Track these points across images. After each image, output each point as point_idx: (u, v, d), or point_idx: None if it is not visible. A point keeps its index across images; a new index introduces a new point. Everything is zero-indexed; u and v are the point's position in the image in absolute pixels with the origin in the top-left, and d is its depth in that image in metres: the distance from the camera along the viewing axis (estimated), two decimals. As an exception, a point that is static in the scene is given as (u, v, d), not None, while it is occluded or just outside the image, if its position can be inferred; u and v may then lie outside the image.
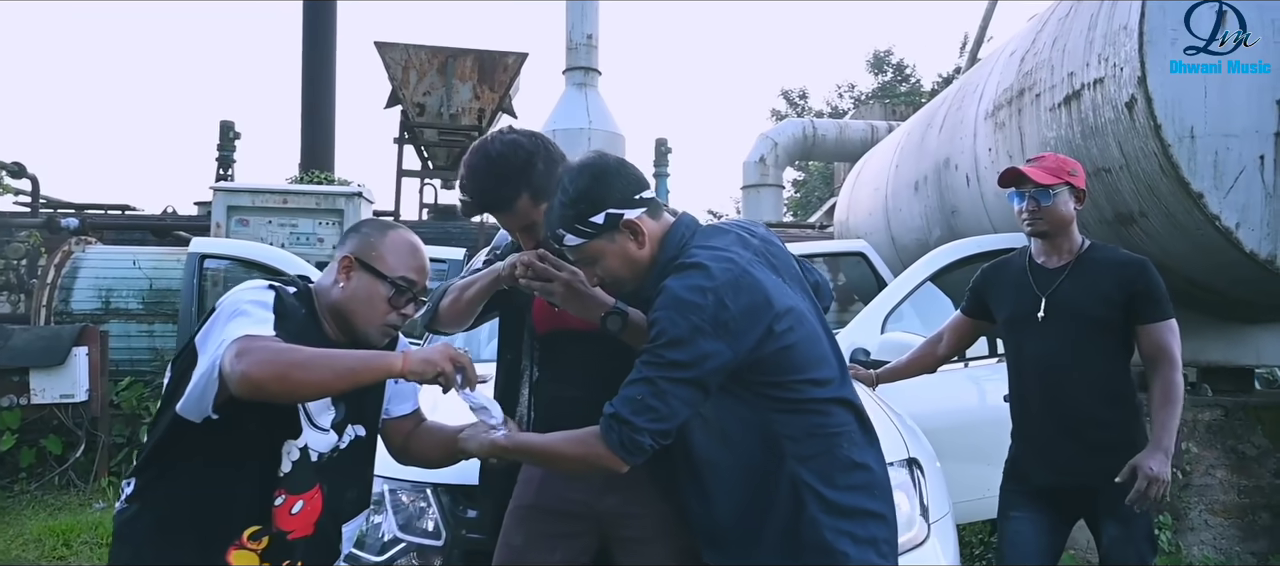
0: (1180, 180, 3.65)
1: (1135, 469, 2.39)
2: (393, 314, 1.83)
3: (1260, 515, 4.36)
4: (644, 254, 1.78)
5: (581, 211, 1.75)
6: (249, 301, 1.69)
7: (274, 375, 1.54)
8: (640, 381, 1.64)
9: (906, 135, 7.30)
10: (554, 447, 1.75)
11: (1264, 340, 4.62)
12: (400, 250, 1.85)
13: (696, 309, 1.62)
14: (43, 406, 6.58)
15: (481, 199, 1.94)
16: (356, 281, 1.82)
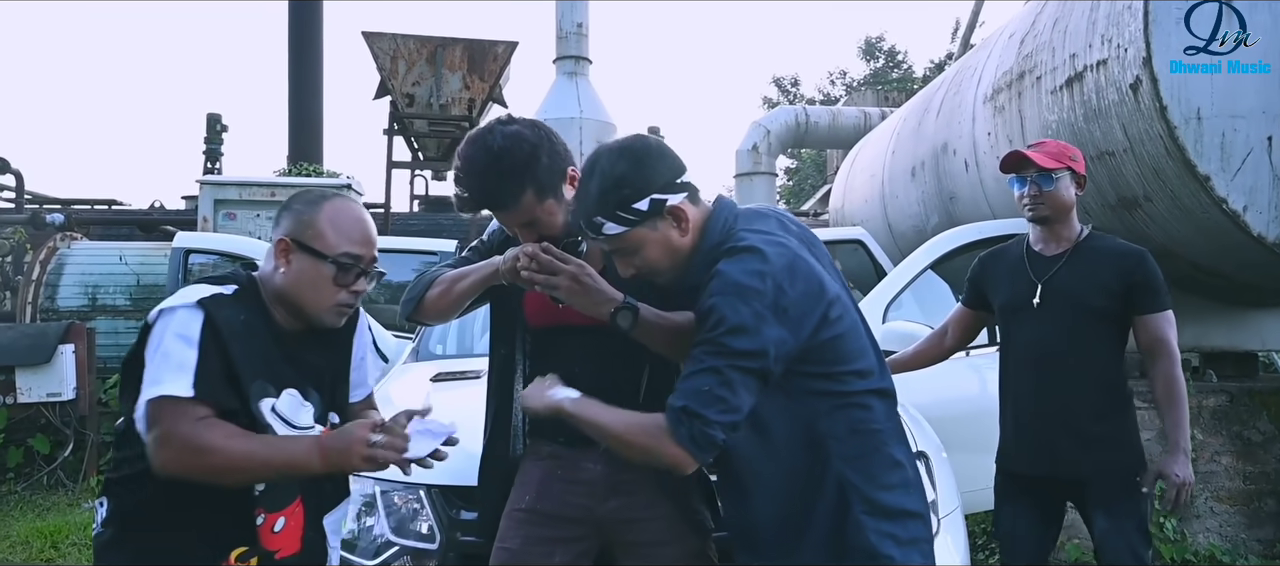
0: (1186, 162, 3.58)
1: (1163, 475, 2.42)
2: (342, 292, 1.71)
3: (1266, 501, 4.32)
4: (686, 242, 1.69)
5: (624, 197, 1.63)
6: (174, 335, 1.56)
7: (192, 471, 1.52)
8: (705, 371, 1.53)
9: (903, 120, 7.22)
10: (618, 429, 1.62)
11: (1269, 325, 4.57)
12: (339, 223, 1.70)
13: (757, 294, 1.53)
14: (30, 405, 6.50)
15: (483, 195, 1.81)
16: (297, 265, 1.69)
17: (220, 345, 1.58)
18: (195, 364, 1.54)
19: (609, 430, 1.63)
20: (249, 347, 1.62)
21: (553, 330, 1.97)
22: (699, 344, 1.55)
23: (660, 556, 1.90)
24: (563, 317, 1.92)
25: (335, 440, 1.57)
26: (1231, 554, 4.19)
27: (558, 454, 1.96)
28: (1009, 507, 2.69)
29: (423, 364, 3.34)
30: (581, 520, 1.93)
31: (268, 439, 1.59)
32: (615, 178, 1.64)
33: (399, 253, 5.89)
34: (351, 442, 1.56)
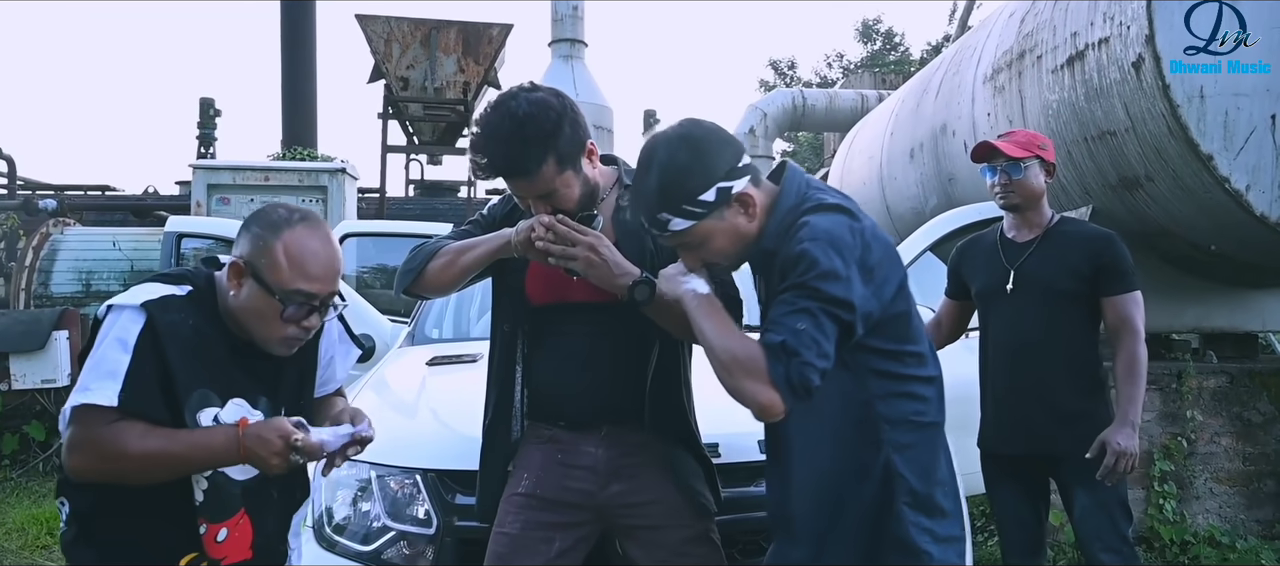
0: (1189, 142, 3.54)
1: (1104, 444, 2.48)
2: (290, 327, 1.63)
3: (1266, 482, 4.31)
4: (753, 227, 1.61)
5: (690, 190, 1.55)
6: (113, 338, 1.51)
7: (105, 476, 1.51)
8: (800, 312, 1.44)
9: (901, 102, 7.17)
10: (718, 351, 1.51)
11: (1270, 305, 4.55)
12: (296, 256, 1.59)
13: (847, 247, 1.49)
14: (24, 392, 6.47)
15: (504, 162, 1.74)
16: (247, 291, 1.60)
17: (158, 352, 1.52)
18: (125, 371, 1.49)
19: (709, 346, 1.53)
20: (192, 355, 1.57)
21: (555, 308, 1.93)
22: (789, 288, 1.48)
23: (662, 540, 1.88)
24: (566, 295, 1.89)
25: (255, 438, 1.54)
26: (1230, 534, 4.19)
27: (557, 437, 1.93)
28: (1000, 491, 2.76)
29: (418, 348, 3.31)
30: (581, 505, 1.90)
31: (183, 434, 1.54)
32: (678, 169, 1.56)
33: (394, 237, 5.86)
34: (271, 441, 1.53)
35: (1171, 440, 4.28)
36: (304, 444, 1.56)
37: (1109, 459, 2.45)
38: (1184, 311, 4.51)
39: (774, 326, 1.46)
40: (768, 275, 1.59)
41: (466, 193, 10.45)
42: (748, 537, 2.19)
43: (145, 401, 1.51)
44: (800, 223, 1.53)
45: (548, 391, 1.93)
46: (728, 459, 2.14)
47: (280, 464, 1.55)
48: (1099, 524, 2.58)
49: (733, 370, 1.47)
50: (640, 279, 1.73)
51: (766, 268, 1.60)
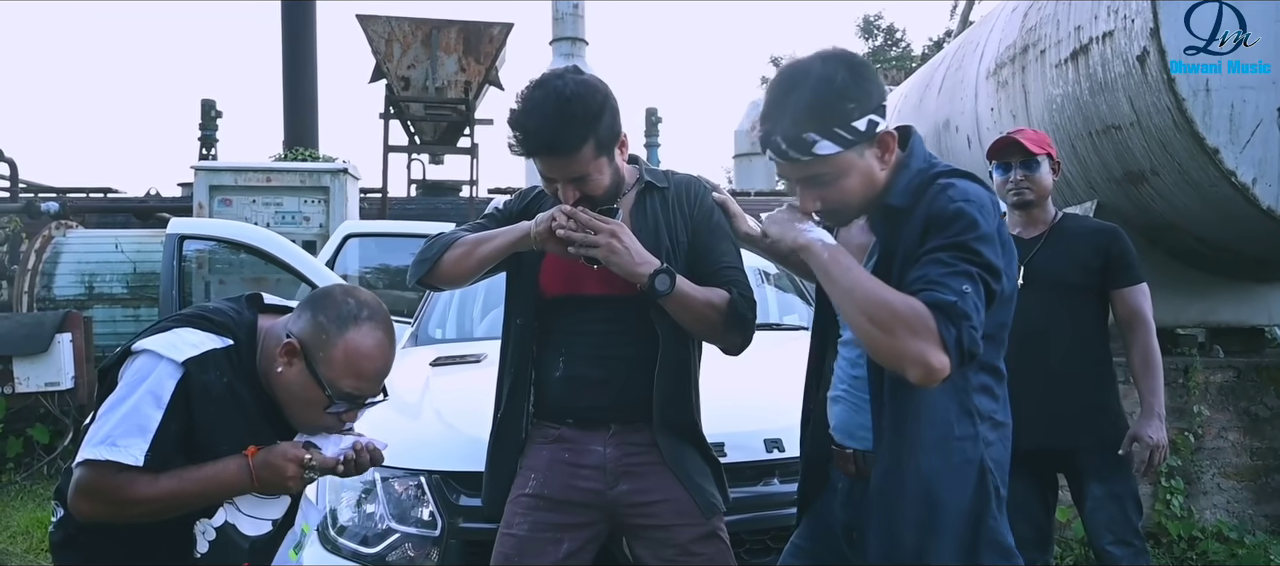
0: (1195, 135, 3.52)
1: (1137, 438, 2.51)
2: (330, 420, 1.63)
3: (1274, 477, 4.29)
4: (882, 178, 1.51)
5: (845, 112, 1.42)
6: (147, 392, 1.50)
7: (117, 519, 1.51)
8: (964, 275, 1.35)
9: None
10: (868, 304, 1.37)
11: (1276, 299, 4.53)
12: (355, 356, 1.56)
13: (992, 217, 1.44)
14: (28, 395, 6.46)
15: (546, 136, 1.72)
16: (294, 375, 1.58)
17: (188, 411, 1.52)
18: (156, 429, 1.48)
19: (859, 300, 1.39)
20: (224, 417, 1.56)
21: (568, 300, 1.92)
22: (945, 247, 1.38)
23: (671, 539, 1.86)
24: (580, 288, 1.88)
25: (265, 465, 1.54)
26: (1238, 529, 4.17)
27: (565, 436, 1.92)
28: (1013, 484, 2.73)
29: (422, 348, 3.30)
30: (590, 505, 1.89)
31: (192, 472, 1.53)
32: (836, 88, 1.42)
33: (396, 237, 5.85)
34: (286, 466, 1.53)
35: (1179, 435, 4.26)
36: (319, 462, 1.56)
37: (1143, 452, 2.49)
38: (1190, 306, 4.49)
39: (938, 286, 1.34)
40: (895, 233, 1.49)
41: (468, 192, 10.42)
42: (755, 537, 2.18)
43: (167, 460, 1.51)
44: (943, 183, 1.46)
45: (559, 386, 1.92)
46: (733, 458, 2.13)
47: (297, 485, 1.56)
48: (1111, 515, 2.59)
49: (892, 328, 1.33)
50: (661, 268, 1.74)
51: (893, 225, 1.50)
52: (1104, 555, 2.60)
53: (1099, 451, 2.58)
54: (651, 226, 1.89)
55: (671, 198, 1.95)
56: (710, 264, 1.90)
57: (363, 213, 8.94)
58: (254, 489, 1.55)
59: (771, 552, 2.20)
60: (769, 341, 2.82)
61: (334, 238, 5.53)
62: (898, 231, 1.49)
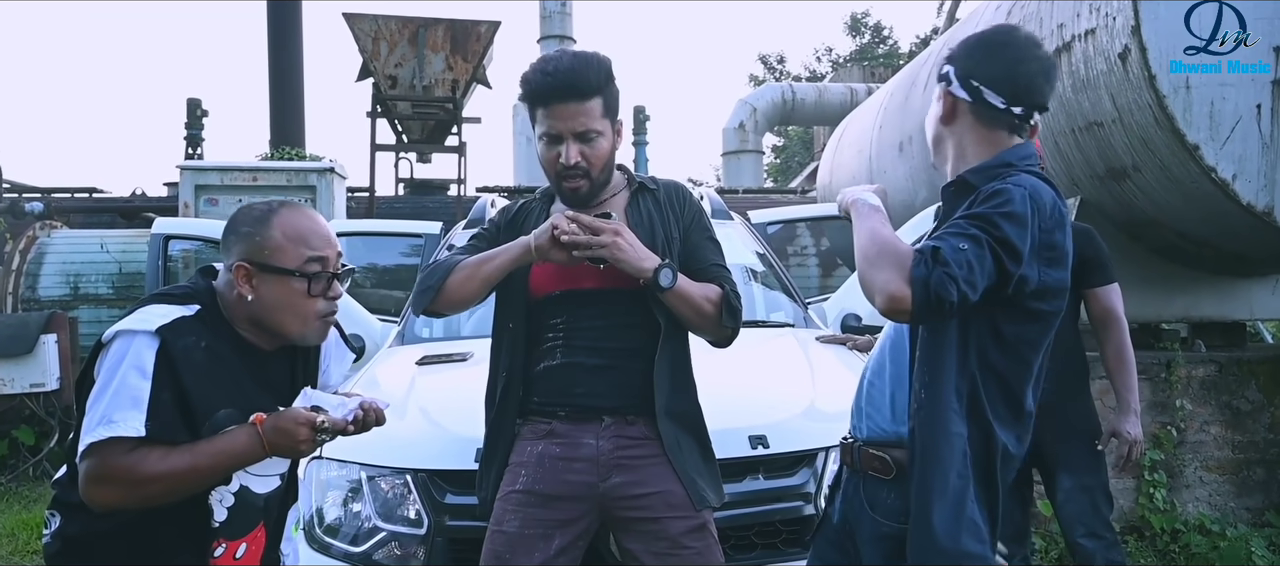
0: (1175, 132, 3.55)
1: (1116, 434, 2.59)
2: (319, 303, 1.63)
3: (1255, 470, 4.33)
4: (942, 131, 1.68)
5: (947, 55, 1.64)
6: (130, 367, 1.49)
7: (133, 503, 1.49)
8: (968, 236, 1.44)
9: (890, 95, 7.18)
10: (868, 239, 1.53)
11: (1257, 294, 4.57)
12: (294, 234, 1.62)
13: (1040, 213, 1.50)
14: (13, 397, 6.42)
15: (566, 76, 1.84)
16: (263, 288, 1.60)
17: (175, 377, 1.51)
18: (148, 399, 1.48)
19: (865, 237, 1.55)
20: (209, 378, 1.56)
21: (565, 295, 1.95)
22: (968, 216, 1.48)
23: (662, 532, 1.87)
24: (576, 283, 1.92)
25: (276, 430, 1.53)
26: (1220, 522, 4.21)
27: (556, 430, 1.93)
28: None
29: (408, 347, 3.30)
30: (582, 498, 1.89)
31: (203, 445, 1.53)
32: (960, 44, 1.64)
33: (384, 235, 5.83)
34: (298, 429, 1.53)
35: (1161, 429, 4.30)
36: (330, 423, 1.56)
37: (1122, 447, 2.57)
38: (1172, 301, 4.53)
39: (936, 237, 1.46)
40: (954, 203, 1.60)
41: (456, 191, 10.39)
42: (739, 533, 2.19)
43: (169, 427, 1.50)
44: (1002, 181, 1.54)
45: (556, 375, 1.94)
46: (717, 455, 2.13)
47: (309, 448, 1.55)
48: (1081, 507, 2.65)
49: (875, 260, 1.48)
50: (664, 263, 1.83)
51: (957, 195, 1.61)
52: (1076, 548, 2.65)
53: (1068, 445, 2.65)
54: (646, 224, 1.96)
55: (663, 198, 2.03)
56: (699, 262, 1.99)
57: (350, 212, 8.90)
58: (266, 455, 1.54)
59: (756, 549, 2.22)
60: (755, 338, 2.83)
61: (321, 237, 5.50)
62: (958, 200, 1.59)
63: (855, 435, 1.77)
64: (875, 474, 1.68)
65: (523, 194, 9.12)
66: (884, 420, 1.69)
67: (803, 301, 3.72)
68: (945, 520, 1.51)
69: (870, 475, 1.69)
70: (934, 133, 1.72)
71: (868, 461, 1.69)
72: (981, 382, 1.54)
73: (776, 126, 20.64)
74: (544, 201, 2.10)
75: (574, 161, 1.86)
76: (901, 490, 1.60)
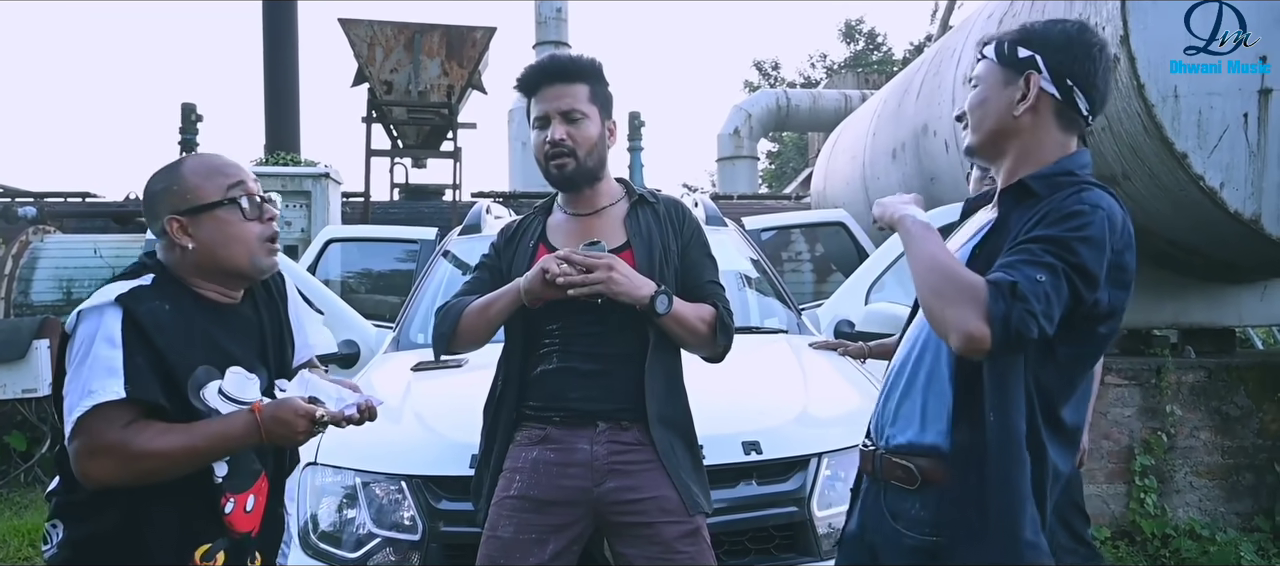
0: (1164, 140, 3.59)
1: None
2: (257, 226, 1.66)
3: (1244, 475, 4.37)
4: (1017, 122, 1.55)
5: (1020, 41, 1.54)
6: (100, 338, 1.50)
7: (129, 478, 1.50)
8: (1042, 265, 1.37)
9: (883, 102, 7.22)
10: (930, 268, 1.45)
11: (1246, 301, 4.61)
12: (205, 170, 1.65)
13: (1113, 232, 1.44)
14: (5, 402, 6.40)
15: (552, 63, 2.01)
16: (199, 230, 1.62)
17: (145, 340, 1.52)
18: (122, 363, 1.49)
19: (923, 266, 1.47)
20: (182, 336, 1.57)
21: (557, 305, 1.95)
22: (1043, 239, 1.40)
23: (657, 537, 1.89)
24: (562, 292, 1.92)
25: (273, 419, 1.55)
26: (1210, 527, 4.25)
27: (551, 436, 1.95)
28: None
29: (403, 353, 3.31)
30: (575, 503, 1.91)
31: (201, 427, 1.55)
32: (1037, 27, 1.57)
33: (378, 241, 5.84)
34: (297, 421, 1.55)
35: (1152, 435, 4.33)
36: (330, 416, 1.59)
37: None
38: (1162, 307, 4.56)
39: (1009, 268, 1.38)
40: (1015, 211, 1.53)
41: (451, 196, 10.39)
42: (733, 539, 2.21)
43: (148, 387, 1.51)
44: (1083, 186, 1.48)
45: (551, 379, 1.96)
46: (711, 460, 2.15)
47: (306, 437, 1.59)
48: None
49: (946, 294, 1.40)
50: (659, 290, 1.88)
51: (1018, 202, 1.53)
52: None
53: None
54: (645, 236, 2.01)
55: (662, 213, 2.08)
56: (696, 279, 2.04)
57: (345, 217, 8.90)
58: (263, 441, 1.56)
59: (749, 554, 2.24)
60: (748, 344, 2.85)
61: (316, 242, 5.49)
62: (1020, 210, 1.51)
63: (876, 441, 1.69)
64: (899, 483, 1.60)
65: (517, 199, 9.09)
66: (912, 429, 1.61)
67: (796, 308, 3.74)
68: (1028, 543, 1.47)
69: (892, 484, 1.61)
70: (999, 123, 1.57)
71: (891, 470, 1.61)
72: (1038, 403, 1.49)
73: (771, 132, 20.69)
74: (541, 214, 2.14)
75: (559, 137, 1.94)
76: (927, 500, 1.55)
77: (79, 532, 1.60)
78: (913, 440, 1.60)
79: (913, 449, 1.60)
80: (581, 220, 2.05)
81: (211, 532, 1.61)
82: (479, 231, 3.83)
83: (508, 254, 2.09)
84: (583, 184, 2.01)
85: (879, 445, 1.67)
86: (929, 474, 1.55)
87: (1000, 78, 1.57)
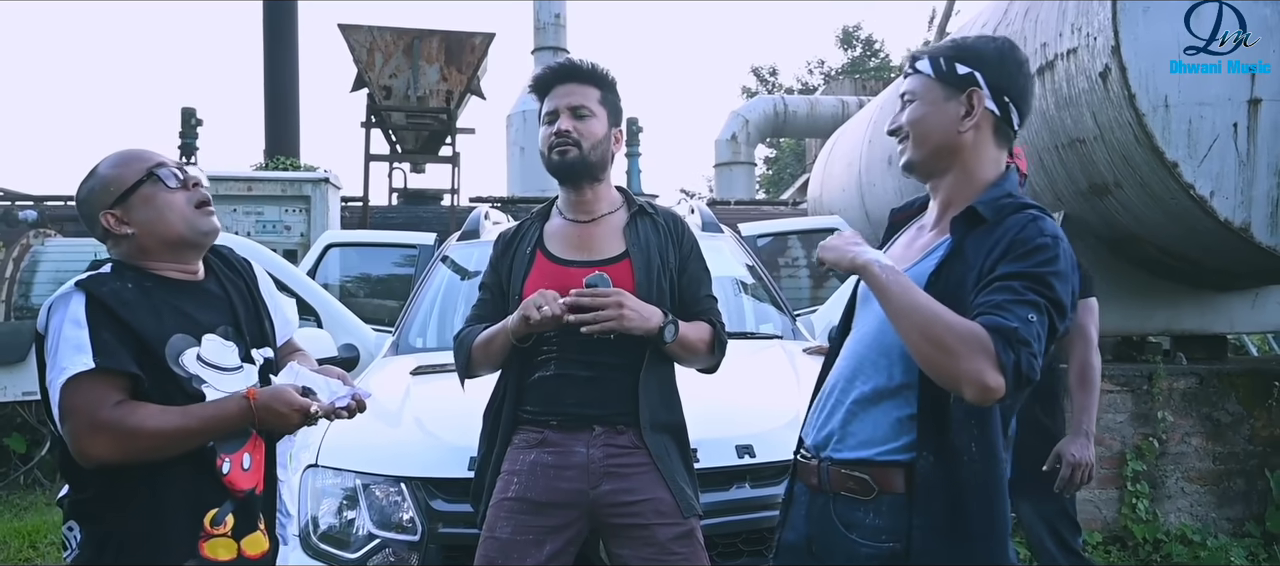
0: (1155, 150, 3.64)
1: (1059, 455, 2.50)
2: (184, 193, 1.71)
3: (1235, 481, 4.41)
4: (960, 139, 1.57)
5: (957, 55, 1.57)
6: (66, 322, 1.57)
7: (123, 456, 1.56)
8: (1028, 303, 1.40)
9: (879, 109, 7.27)
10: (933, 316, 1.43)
11: (1237, 308, 4.65)
12: (122, 161, 1.72)
13: (1072, 261, 1.49)
14: (5, 404, 6.43)
15: (570, 64, 2.08)
16: (132, 214, 1.68)
17: (110, 315, 1.58)
18: (89, 340, 1.55)
19: (918, 310, 1.44)
20: (149, 309, 1.63)
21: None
22: (1020, 276, 1.43)
23: (651, 538, 1.93)
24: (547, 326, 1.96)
25: (266, 409, 1.63)
26: (1202, 532, 4.29)
27: (548, 439, 1.99)
28: None
29: (402, 357, 3.35)
30: (572, 505, 1.95)
31: (196, 409, 1.61)
32: (970, 42, 1.61)
33: (379, 246, 5.88)
34: (290, 414, 1.63)
35: (1144, 440, 4.37)
36: (322, 411, 1.66)
37: (1065, 470, 2.48)
38: (1154, 314, 4.60)
39: (1002, 311, 1.40)
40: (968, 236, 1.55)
41: (450, 200, 10.44)
42: (726, 540, 2.25)
43: (117, 356, 1.56)
44: (1034, 214, 1.51)
45: (548, 385, 2.01)
46: (706, 463, 2.19)
47: (299, 424, 1.65)
48: (1038, 534, 2.61)
49: (950, 346, 1.39)
50: (667, 320, 1.95)
51: (970, 229, 1.55)
52: None
53: (1029, 471, 2.52)
54: (644, 246, 2.06)
55: (661, 226, 2.13)
56: (693, 293, 2.10)
57: (344, 222, 8.94)
58: (255, 426, 1.64)
59: (743, 555, 2.27)
60: (743, 349, 2.89)
61: (315, 247, 5.53)
62: (974, 238, 1.53)
63: (816, 454, 1.67)
64: (851, 494, 1.59)
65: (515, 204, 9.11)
66: (864, 444, 1.60)
67: (791, 313, 3.78)
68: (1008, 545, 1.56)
69: (843, 495, 1.60)
70: (944, 139, 1.59)
71: (841, 482, 1.60)
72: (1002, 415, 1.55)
73: (769, 138, 20.76)
74: (538, 220, 2.18)
75: (565, 128, 2.00)
76: (881, 509, 1.56)
77: (96, 529, 1.65)
78: (868, 454, 1.59)
79: (866, 462, 1.59)
80: (580, 227, 2.09)
81: (216, 497, 1.66)
82: (477, 237, 3.86)
83: (505, 265, 2.13)
84: (583, 177, 2.05)
85: (822, 457, 1.65)
86: (887, 484, 1.56)
87: (940, 94, 1.59)
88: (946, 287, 1.50)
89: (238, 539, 1.68)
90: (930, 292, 1.49)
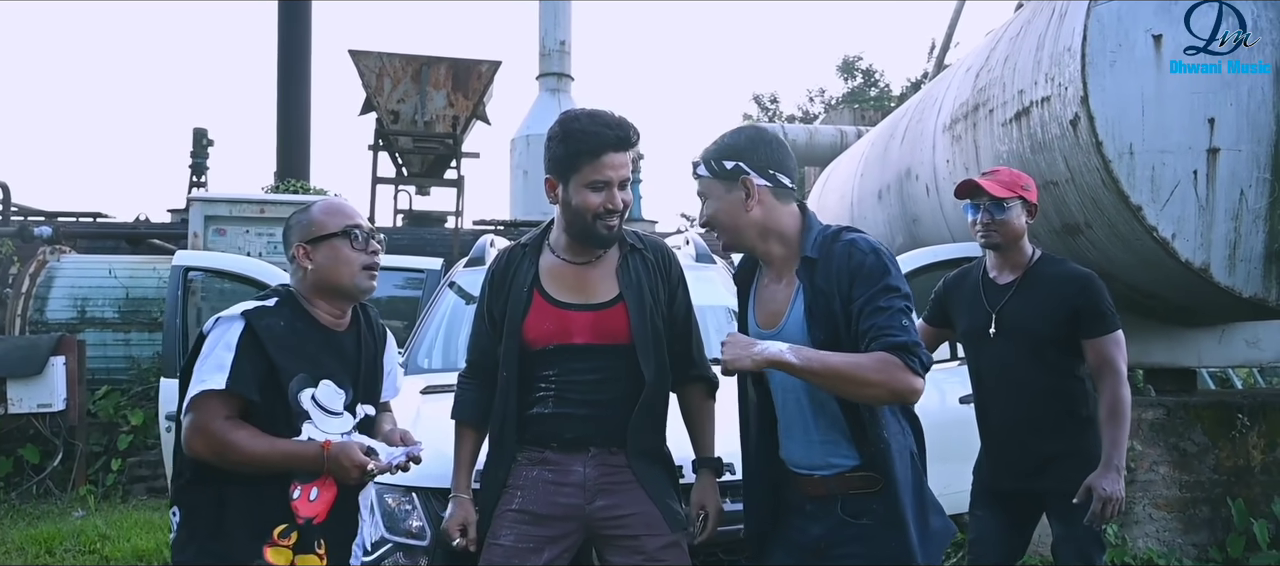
0: (1120, 194, 3.86)
1: (1090, 489, 2.52)
2: (362, 256, 2.03)
3: (1200, 508, 4.58)
4: (752, 217, 1.97)
5: (721, 154, 1.98)
6: (220, 343, 1.89)
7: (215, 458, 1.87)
8: (900, 312, 1.81)
9: (871, 145, 7.52)
10: (848, 370, 1.80)
11: (1204, 342, 4.85)
12: (331, 211, 2.07)
13: (892, 257, 1.90)
14: (20, 416, 6.63)
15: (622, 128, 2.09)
16: (317, 257, 2.01)
17: (258, 347, 1.89)
18: (231, 363, 1.86)
19: (838, 371, 1.81)
20: (288, 348, 1.93)
21: (558, 349, 2.19)
22: (879, 292, 1.83)
23: (640, 548, 2.14)
24: (568, 339, 2.17)
25: (335, 461, 1.90)
26: (1167, 558, 4.45)
27: (549, 459, 2.19)
28: (979, 513, 2.83)
29: (412, 377, 3.55)
30: (569, 517, 2.16)
31: (281, 444, 1.90)
32: (727, 141, 2.01)
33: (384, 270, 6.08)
34: (351, 469, 1.91)
35: (1114, 468, 4.54)
36: (377, 468, 1.94)
37: (1095, 504, 2.50)
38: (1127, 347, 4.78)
39: (892, 330, 1.79)
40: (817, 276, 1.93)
41: (454, 223, 10.67)
42: (707, 549, 2.45)
43: (247, 385, 1.87)
44: (848, 239, 1.92)
45: (548, 421, 2.20)
46: (690, 479, 2.39)
47: (357, 479, 1.92)
48: (1069, 556, 2.66)
49: (877, 380, 1.78)
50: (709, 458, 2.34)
51: (812, 271, 1.94)
52: None
53: (1062, 495, 2.59)
54: (636, 286, 2.20)
55: (651, 261, 2.27)
56: (681, 321, 2.31)
57: (351, 243, 9.13)
58: (323, 471, 1.91)
59: (722, 564, 2.48)
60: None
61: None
62: (818, 276, 1.93)
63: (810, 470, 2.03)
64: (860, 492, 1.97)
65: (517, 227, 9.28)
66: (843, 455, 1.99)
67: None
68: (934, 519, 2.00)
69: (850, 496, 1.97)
70: (739, 221, 2.01)
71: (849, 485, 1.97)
72: None
73: (768, 165, 20.93)
74: (532, 255, 2.27)
75: (620, 206, 2.12)
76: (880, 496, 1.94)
77: (189, 511, 1.94)
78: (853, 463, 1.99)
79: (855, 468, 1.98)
80: (577, 268, 2.22)
81: (283, 514, 1.93)
82: (483, 264, 4.07)
83: (500, 300, 2.24)
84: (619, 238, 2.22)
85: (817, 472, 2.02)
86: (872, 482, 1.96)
87: (722, 189, 1.99)
88: (824, 316, 1.88)
89: (296, 554, 1.94)
90: (811, 325, 1.89)
